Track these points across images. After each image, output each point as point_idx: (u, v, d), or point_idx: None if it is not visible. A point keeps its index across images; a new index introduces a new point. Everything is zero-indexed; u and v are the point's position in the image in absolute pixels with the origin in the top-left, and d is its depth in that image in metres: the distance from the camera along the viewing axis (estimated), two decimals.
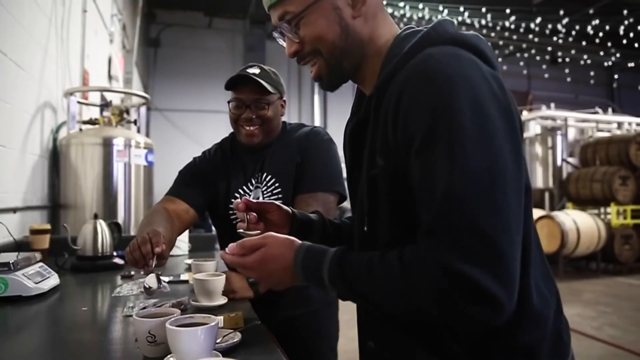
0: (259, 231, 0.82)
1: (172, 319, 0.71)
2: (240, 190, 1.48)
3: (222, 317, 0.99)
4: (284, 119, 1.54)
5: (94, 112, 3.13)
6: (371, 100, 0.72)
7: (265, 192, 1.44)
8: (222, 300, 1.11)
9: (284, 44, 0.78)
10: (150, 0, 8.73)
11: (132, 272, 1.56)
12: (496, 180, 0.59)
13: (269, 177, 1.45)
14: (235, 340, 0.83)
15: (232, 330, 0.86)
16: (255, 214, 0.85)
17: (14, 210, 1.95)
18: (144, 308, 1.08)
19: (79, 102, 2.67)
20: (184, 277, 1.49)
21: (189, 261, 1.58)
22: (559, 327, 0.72)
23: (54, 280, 1.32)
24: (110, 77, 4.39)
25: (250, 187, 1.46)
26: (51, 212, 2.45)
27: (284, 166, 1.43)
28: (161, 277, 1.44)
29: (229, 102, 1.44)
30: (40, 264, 1.36)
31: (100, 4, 3.89)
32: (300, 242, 0.73)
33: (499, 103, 0.62)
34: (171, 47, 9.91)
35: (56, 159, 2.47)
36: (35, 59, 2.26)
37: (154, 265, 1.05)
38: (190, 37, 10.12)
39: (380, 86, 0.70)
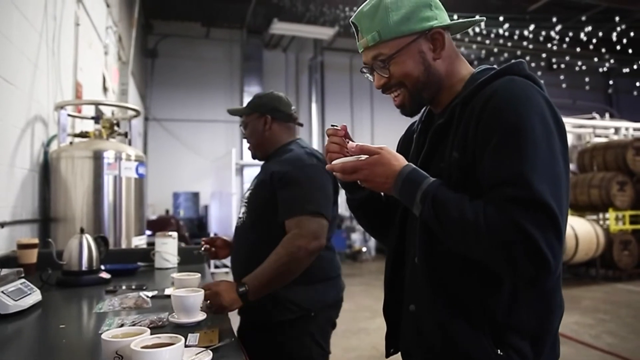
0: (366, 156, 0.87)
1: (138, 339, 0.71)
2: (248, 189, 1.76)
3: (197, 334, 0.99)
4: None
5: (88, 125, 3.15)
6: (455, 109, 0.88)
7: (247, 195, 1.69)
8: (201, 317, 1.11)
9: (371, 78, 0.96)
10: (147, 12, 8.81)
11: (116, 287, 1.56)
12: (554, 175, 0.75)
13: (254, 183, 1.69)
14: (206, 359, 0.82)
15: (204, 349, 0.86)
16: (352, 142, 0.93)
17: (2, 224, 1.95)
18: (122, 325, 1.07)
19: (69, 115, 2.67)
20: (168, 291, 1.49)
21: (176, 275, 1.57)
22: (558, 328, 0.88)
23: (35, 296, 1.31)
24: (105, 89, 4.42)
25: (250, 186, 1.73)
26: (42, 226, 2.45)
27: (261, 180, 1.63)
28: (145, 292, 1.45)
29: None
30: (22, 280, 1.35)
31: (94, 16, 3.92)
32: (407, 162, 0.86)
33: (558, 126, 0.80)
34: (169, 58, 9.97)
35: (47, 172, 2.47)
36: (25, 73, 2.27)
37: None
38: (187, 47, 10.18)
39: (466, 98, 0.87)
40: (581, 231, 6.41)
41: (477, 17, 0.94)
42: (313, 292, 1.54)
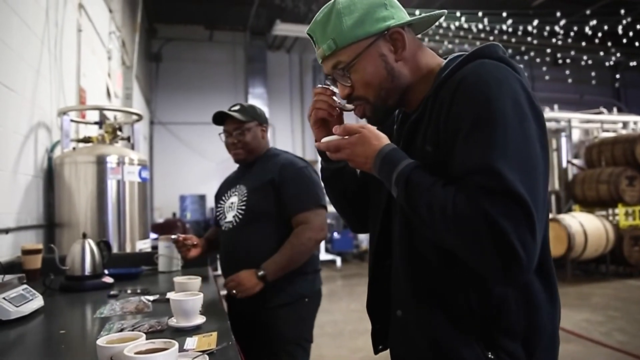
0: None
1: (132, 345, 0.71)
2: (223, 196, 1.92)
3: (196, 338, 0.98)
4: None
5: (92, 130, 3.16)
6: (427, 101, 0.84)
7: (240, 200, 1.80)
8: (200, 320, 1.10)
9: (336, 90, 0.93)
10: (150, 16, 8.86)
11: (119, 292, 1.56)
12: (528, 163, 0.70)
13: (245, 188, 1.82)
14: None
15: (200, 353, 0.85)
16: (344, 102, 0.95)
17: (6, 231, 1.97)
18: (122, 330, 1.07)
19: (72, 121, 2.69)
20: (169, 295, 1.48)
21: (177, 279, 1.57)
22: (555, 329, 0.84)
23: (37, 302, 1.32)
24: (109, 94, 4.44)
25: (230, 194, 1.88)
26: (47, 231, 2.47)
27: (259, 183, 1.78)
28: (146, 296, 1.45)
29: (220, 134, 1.89)
30: (25, 286, 1.36)
31: (97, 22, 3.94)
32: (389, 141, 0.84)
33: (534, 110, 0.75)
34: (173, 61, 10.01)
35: (51, 178, 2.49)
36: (27, 80, 2.29)
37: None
38: (191, 50, 10.23)
39: (437, 88, 0.82)
40: (590, 227, 6.34)
41: (439, 11, 0.89)
42: (306, 281, 1.78)
